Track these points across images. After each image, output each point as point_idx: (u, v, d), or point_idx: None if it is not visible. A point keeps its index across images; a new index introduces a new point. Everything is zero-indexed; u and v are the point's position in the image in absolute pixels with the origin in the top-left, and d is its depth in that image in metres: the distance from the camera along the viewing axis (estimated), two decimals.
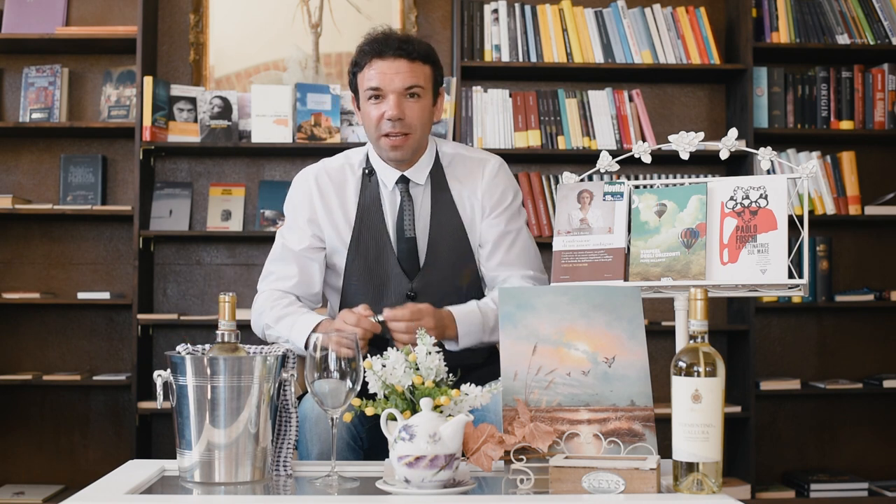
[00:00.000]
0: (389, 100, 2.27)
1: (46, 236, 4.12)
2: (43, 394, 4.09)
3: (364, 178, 2.39)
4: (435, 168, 2.39)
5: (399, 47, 2.27)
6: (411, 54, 2.27)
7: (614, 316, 1.78)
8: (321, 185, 2.40)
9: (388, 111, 2.26)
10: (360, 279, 2.35)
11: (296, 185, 2.44)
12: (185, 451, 1.73)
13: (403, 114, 2.27)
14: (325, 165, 2.44)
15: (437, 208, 2.36)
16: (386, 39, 2.29)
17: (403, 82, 2.27)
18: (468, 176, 2.39)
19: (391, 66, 2.27)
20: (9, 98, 4.14)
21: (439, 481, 1.63)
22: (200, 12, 4.16)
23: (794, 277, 1.94)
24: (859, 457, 4.21)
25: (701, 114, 4.26)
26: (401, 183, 2.37)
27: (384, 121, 2.28)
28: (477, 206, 2.38)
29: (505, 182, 2.41)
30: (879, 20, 4.10)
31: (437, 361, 1.76)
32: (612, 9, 4.06)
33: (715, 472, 1.61)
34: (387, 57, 2.27)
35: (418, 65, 2.29)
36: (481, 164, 2.41)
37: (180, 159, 4.15)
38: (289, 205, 2.44)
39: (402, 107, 2.27)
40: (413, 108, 2.28)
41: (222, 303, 1.78)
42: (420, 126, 2.30)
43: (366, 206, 2.37)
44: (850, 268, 4.24)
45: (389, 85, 2.27)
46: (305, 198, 2.40)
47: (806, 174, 2.00)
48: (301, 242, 2.38)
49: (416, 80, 2.28)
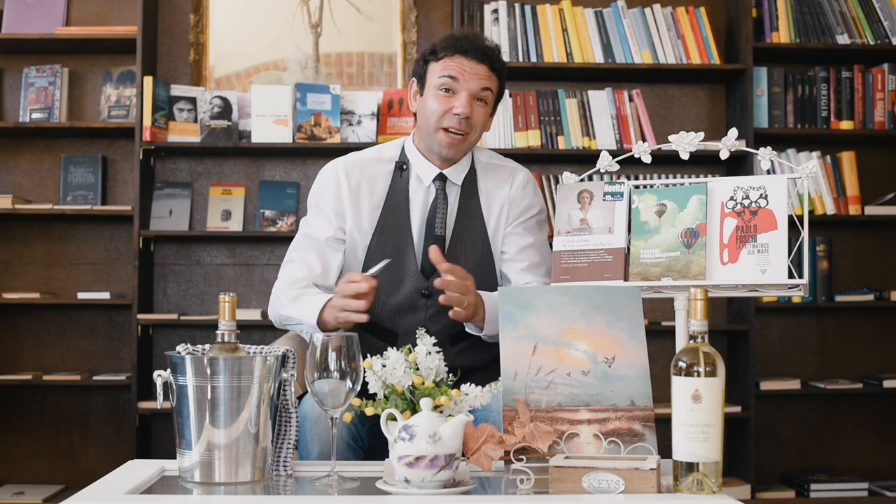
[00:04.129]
0: (461, 97, 2.31)
1: (46, 236, 4.12)
2: (43, 394, 4.08)
3: (395, 171, 2.41)
4: (469, 173, 2.43)
5: (485, 52, 2.33)
6: (494, 63, 2.34)
7: (614, 316, 1.78)
8: (350, 175, 2.40)
9: (459, 107, 2.30)
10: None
11: (324, 174, 2.44)
12: (185, 451, 1.73)
13: (471, 113, 2.31)
14: (355, 157, 2.45)
15: (463, 212, 2.39)
16: (474, 40, 2.34)
17: (480, 84, 2.31)
18: (497, 185, 2.43)
19: (473, 67, 2.32)
20: (9, 98, 4.14)
21: (439, 481, 1.63)
22: (200, 12, 4.16)
23: (794, 277, 1.94)
24: (859, 457, 4.21)
25: (701, 114, 4.26)
26: (438, 180, 2.39)
27: (450, 115, 2.31)
28: (503, 216, 2.42)
29: (532, 194, 2.46)
30: (879, 20, 4.10)
31: (437, 361, 1.76)
32: (612, 9, 4.06)
33: (715, 472, 1.61)
34: (471, 57, 2.32)
35: (493, 74, 2.35)
36: (511, 174, 2.46)
37: (180, 159, 4.15)
38: (315, 195, 2.43)
39: (471, 106, 2.31)
40: (479, 111, 2.33)
41: (222, 303, 1.78)
42: (479, 130, 2.36)
43: (393, 201, 2.38)
44: (850, 268, 4.24)
45: (467, 83, 2.31)
46: (333, 188, 2.40)
47: (806, 174, 2.00)
48: (326, 232, 2.38)
49: (491, 85, 2.34)
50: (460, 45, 2.32)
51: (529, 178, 2.49)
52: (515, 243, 2.41)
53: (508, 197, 2.42)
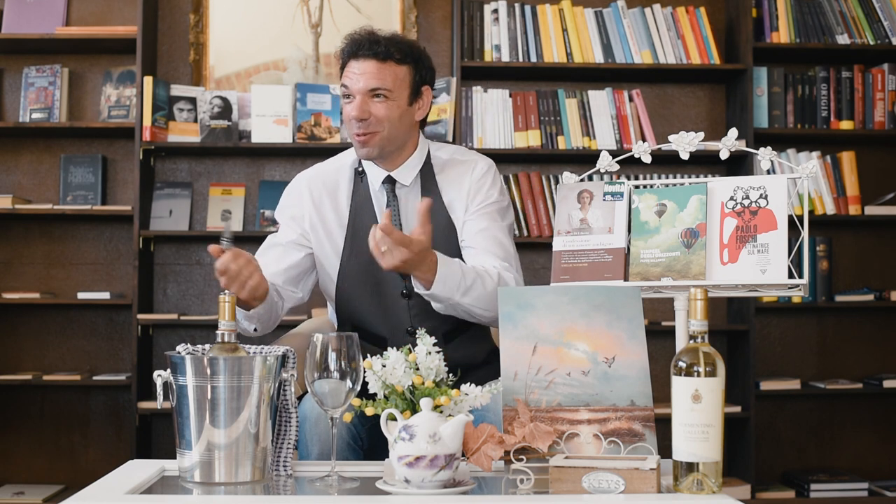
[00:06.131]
0: (355, 101, 2.29)
1: (46, 236, 4.12)
2: (43, 394, 4.08)
3: (356, 177, 2.41)
4: (425, 170, 2.40)
5: (369, 48, 2.28)
6: (379, 55, 2.28)
7: (614, 316, 1.78)
8: (313, 190, 2.41)
9: (352, 110, 2.29)
10: (356, 279, 2.35)
11: (288, 191, 2.47)
12: (185, 451, 1.73)
13: (367, 113, 2.28)
14: (318, 170, 2.46)
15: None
16: (359, 40, 2.30)
17: (367, 84, 2.27)
18: (458, 178, 2.40)
19: (360, 67, 2.28)
20: (9, 98, 4.14)
21: (439, 481, 1.63)
22: (200, 12, 4.16)
23: (794, 277, 1.94)
24: (859, 457, 4.21)
25: (701, 114, 4.26)
26: (387, 183, 2.38)
27: (352, 121, 2.30)
28: (464, 207, 2.38)
29: (490, 182, 2.41)
30: (879, 20, 4.10)
31: (437, 361, 1.76)
32: (612, 9, 4.06)
33: (715, 472, 1.61)
34: (360, 57, 2.29)
35: (389, 65, 2.29)
36: (470, 167, 2.42)
37: (180, 159, 4.15)
38: (279, 212, 2.46)
39: (365, 107, 2.28)
40: (378, 108, 2.28)
41: (222, 303, 1.78)
42: (389, 124, 2.30)
43: (358, 206, 2.38)
44: (850, 268, 4.24)
45: (355, 85, 2.29)
46: (296, 201, 2.42)
47: (806, 174, 2.00)
48: (288, 237, 2.40)
49: (381, 83, 2.27)
50: (350, 50, 2.31)
51: (489, 169, 2.43)
52: (469, 229, 2.37)
53: (468, 188, 2.39)
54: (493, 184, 2.41)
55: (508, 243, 2.39)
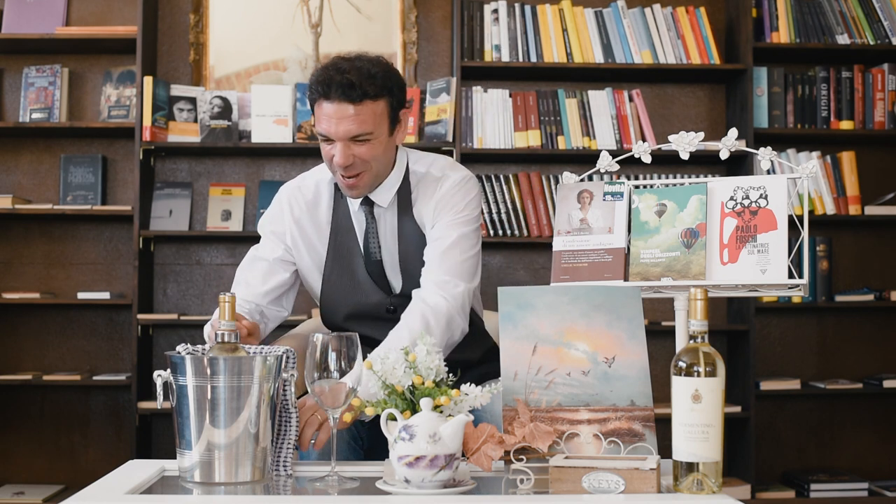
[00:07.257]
0: (336, 147, 2.19)
1: (46, 236, 4.12)
2: (43, 394, 4.08)
3: (336, 193, 2.36)
4: (402, 188, 2.33)
5: (343, 92, 2.14)
6: (354, 98, 2.15)
7: (614, 316, 1.78)
8: (294, 206, 2.38)
9: (337, 157, 2.19)
10: (340, 296, 2.34)
11: (272, 206, 2.43)
12: (185, 451, 1.73)
13: (351, 158, 2.20)
14: (300, 183, 2.42)
15: (402, 229, 2.33)
16: (331, 80, 2.16)
17: (347, 131, 2.17)
18: (429, 194, 2.33)
19: (337, 111, 2.16)
20: (9, 98, 4.14)
21: (439, 481, 1.63)
22: (200, 12, 4.16)
23: (794, 277, 1.94)
24: (859, 457, 4.21)
25: (701, 114, 4.26)
26: (365, 205, 2.33)
27: (334, 164, 2.22)
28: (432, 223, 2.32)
29: (459, 196, 2.32)
30: (879, 20, 4.10)
31: (437, 361, 1.76)
32: (612, 9, 4.06)
33: (715, 472, 1.61)
34: (333, 99, 2.16)
35: (367, 105, 2.17)
36: (441, 182, 2.33)
37: (180, 159, 4.15)
38: (262, 225, 2.43)
39: (348, 152, 2.19)
40: (362, 150, 2.20)
41: (222, 303, 1.78)
42: (375, 162, 2.23)
43: (338, 224, 2.35)
44: (850, 268, 4.24)
45: (335, 132, 2.18)
46: (277, 216, 2.40)
47: (806, 174, 2.00)
48: (273, 253, 2.37)
49: (363, 127, 2.17)
50: (321, 90, 2.18)
51: (461, 181, 2.33)
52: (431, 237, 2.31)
53: (435, 203, 2.31)
54: (462, 197, 2.32)
55: (458, 253, 2.27)
